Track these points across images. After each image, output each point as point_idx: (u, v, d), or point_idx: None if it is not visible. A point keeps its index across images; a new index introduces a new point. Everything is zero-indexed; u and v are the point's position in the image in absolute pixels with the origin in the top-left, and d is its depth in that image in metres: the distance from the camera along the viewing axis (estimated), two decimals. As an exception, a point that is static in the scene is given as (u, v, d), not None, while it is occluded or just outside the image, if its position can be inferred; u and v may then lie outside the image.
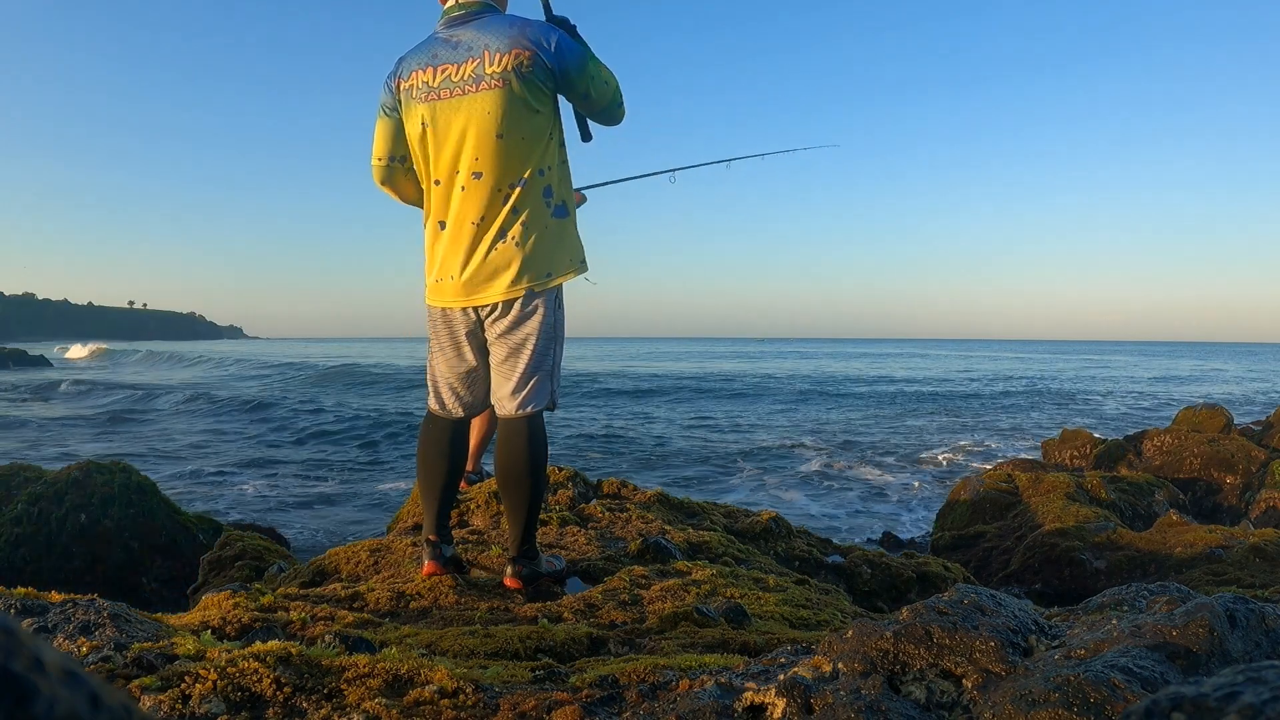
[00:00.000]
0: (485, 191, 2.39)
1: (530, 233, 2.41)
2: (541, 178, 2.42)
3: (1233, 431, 8.38)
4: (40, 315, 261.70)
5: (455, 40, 2.38)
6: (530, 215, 2.41)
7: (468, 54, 2.35)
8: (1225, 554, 3.71)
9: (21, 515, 4.25)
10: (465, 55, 2.35)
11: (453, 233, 2.45)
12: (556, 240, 2.47)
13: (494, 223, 2.40)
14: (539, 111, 2.39)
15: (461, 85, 2.35)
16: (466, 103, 2.35)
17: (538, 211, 2.42)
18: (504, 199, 2.39)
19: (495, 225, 2.40)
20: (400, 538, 3.14)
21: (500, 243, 2.40)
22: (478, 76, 2.33)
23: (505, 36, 2.33)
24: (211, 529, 4.67)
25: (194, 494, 9.22)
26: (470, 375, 2.59)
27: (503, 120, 2.34)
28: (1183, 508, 5.45)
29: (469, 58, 2.35)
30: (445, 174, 2.42)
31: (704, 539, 3.20)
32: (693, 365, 46.84)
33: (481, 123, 2.35)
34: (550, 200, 2.45)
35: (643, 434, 15.29)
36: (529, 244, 2.41)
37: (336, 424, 15.96)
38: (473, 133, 2.36)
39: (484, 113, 2.34)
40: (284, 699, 1.40)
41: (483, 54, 2.33)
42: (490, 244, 2.41)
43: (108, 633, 1.56)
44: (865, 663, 1.25)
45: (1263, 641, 1.25)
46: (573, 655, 1.91)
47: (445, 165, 2.41)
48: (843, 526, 7.92)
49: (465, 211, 2.41)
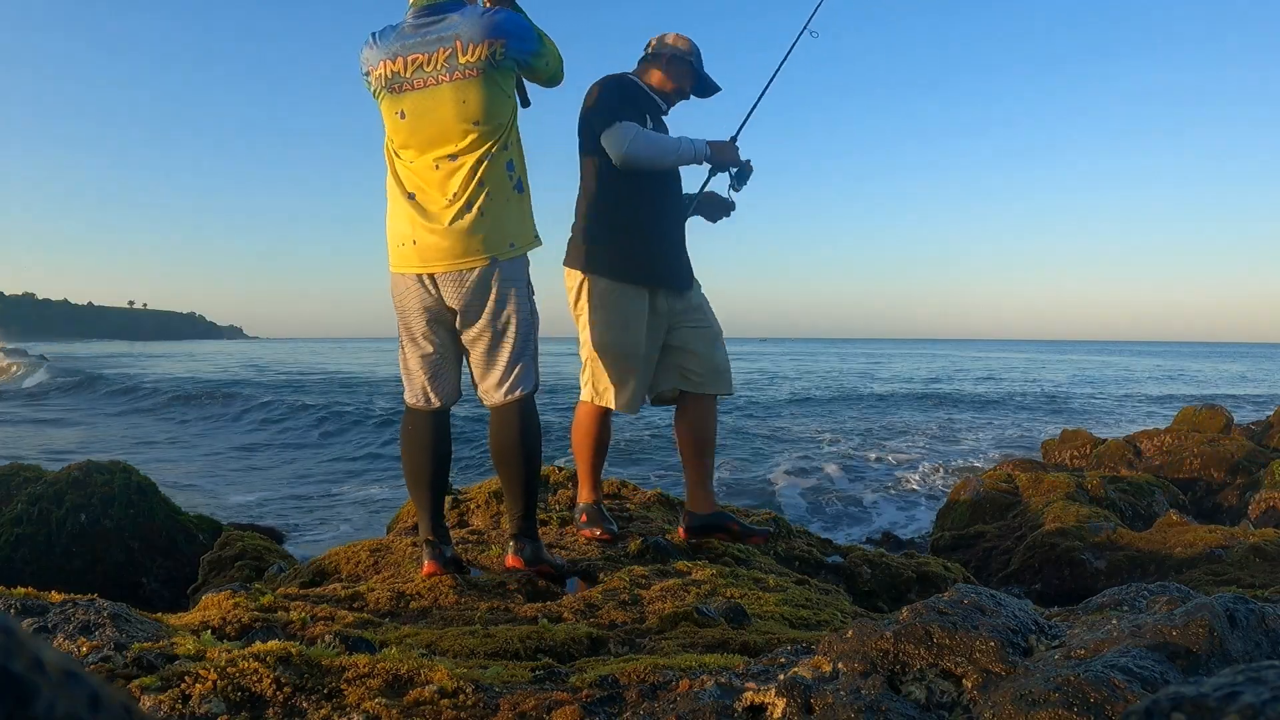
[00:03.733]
0: (457, 170, 2.48)
1: (494, 205, 2.50)
2: (505, 152, 2.53)
3: (1233, 431, 8.38)
4: (40, 315, 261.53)
5: (425, 30, 2.46)
6: (493, 189, 2.51)
7: (438, 44, 2.43)
8: (1225, 554, 3.71)
9: (21, 515, 4.25)
10: (436, 45, 2.44)
11: (421, 204, 2.52)
12: (518, 214, 2.57)
13: (462, 197, 2.48)
14: (509, 96, 2.53)
15: (435, 75, 2.44)
16: (441, 91, 2.44)
17: (500, 186, 2.52)
18: (472, 174, 2.48)
19: (462, 199, 2.48)
20: (400, 538, 3.14)
21: (467, 214, 2.48)
22: (451, 66, 2.43)
23: (477, 27, 2.42)
24: (211, 529, 4.66)
25: (194, 494, 9.22)
26: (440, 360, 2.63)
27: (478, 107, 2.44)
28: (1183, 508, 5.45)
29: (439, 47, 2.43)
30: (417, 154, 2.51)
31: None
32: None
33: (457, 110, 2.44)
34: (512, 175, 2.56)
35: (641, 432, 15.29)
36: (492, 216, 2.50)
37: (337, 424, 15.96)
38: (450, 119, 2.45)
39: (459, 100, 2.44)
40: (284, 699, 1.40)
41: (454, 44, 2.42)
42: (456, 215, 2.48)
43: (108, 633, 1.56)
44: (865, 663, 1.25)
45: (1263, 641, 1.25)
46: (573, 655, 1.91)
47: (419, 147, 2.50)
48: (842, 526, 7.92)
49: (436, 187, 2.50)
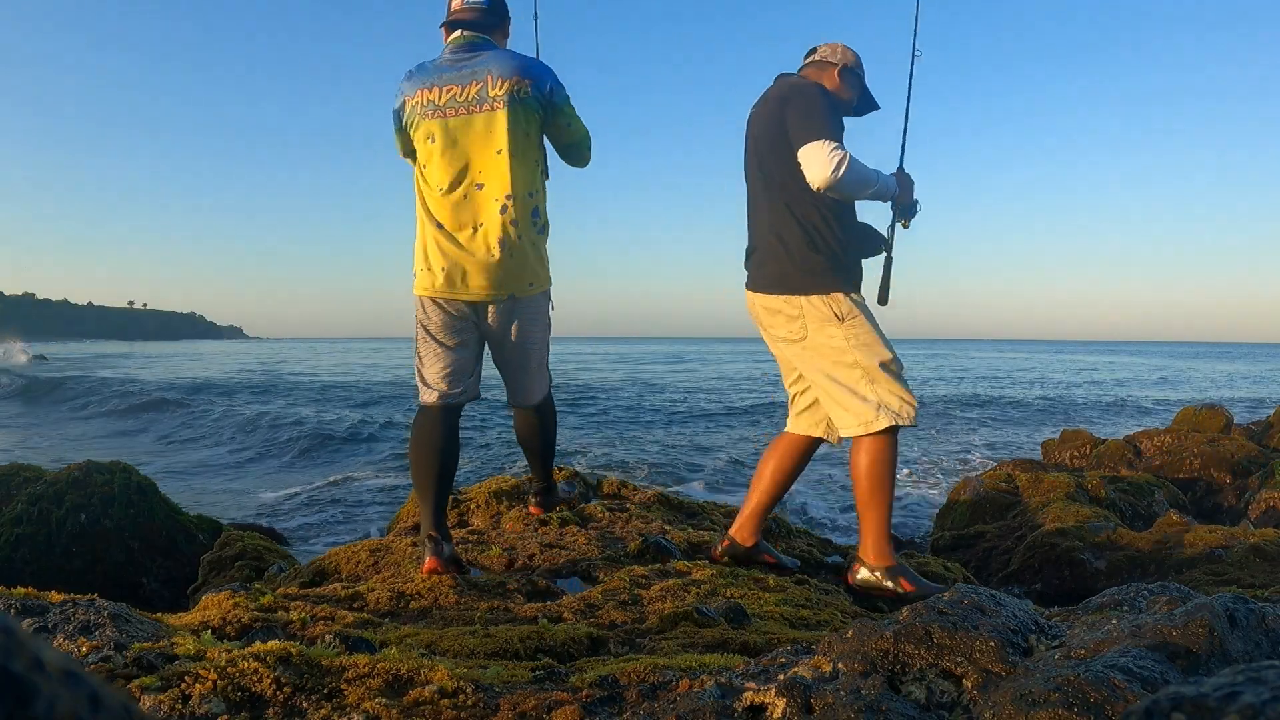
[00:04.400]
0: (485, 200, 2.65)
1: (520, 244, 2.67)
2: (531, 199, 2.70)
3: (1233, 431, 8.38)
4: (40, 315, 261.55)
5: (459, 65, 2.67)
6: (520, 228, 2.67)
7: (471, 78, 2.65)
8: (1225, 554, 3.71)
9: (21, 515, 4.25)
10: (469, 79, 2.65)
11: (450, 234, 2.67)
12: (538, 255, 2.76)
13: (490, 230, 2.65)
14: (529, 135, 2.69)
15: (467, 105, 2.64)
16: (472, 120, 2.64)
17: (526, 226, 2.69)
18: (500, 209, 2.65)
19: (490, 232, 2.64)
20: (400, 538, 3.14)
21: (493, 248, 2.64)
22: (481, 98, 2.63)
23: (508, 66, 2.65)
24: (211, 529, 4.66)
25: (194, 494, 9.22)
26: (457, 364, 2.77)
27: (503, 137, 2.62)
28: (1183, 508, 5.45)
29: (473, 80, 2.64)
30: (449, 183, 2.67)
31: (704, 539, 3.20)
32: (694, 364, 46.82)
33: (485, 139, 2.63)
34: (537, 220, 2.74)
35: (640, 432, 15.31)
36: (517, 254, 2.67)
37: (336, 423, 15.96)
38: (477, 148, 2.64)
39: (487, 130, 2.63)
40: (284, 699, 1.40)
41: (486, 78, 2.63)
42: (484, 248, 2.64)
43: (108, 633, 1.56)
44: (865, 663, 1.25)
45: (1263, 641, 1.25)
46: (573, 655, 1.91)
47: (451, 175, 2.66)
48: (843, 526, 7.92)
49: (465, 217, 2.66)
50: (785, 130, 2.72)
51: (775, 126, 2.76)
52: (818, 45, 3.02)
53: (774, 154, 2.77)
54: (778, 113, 2.76)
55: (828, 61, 2.94)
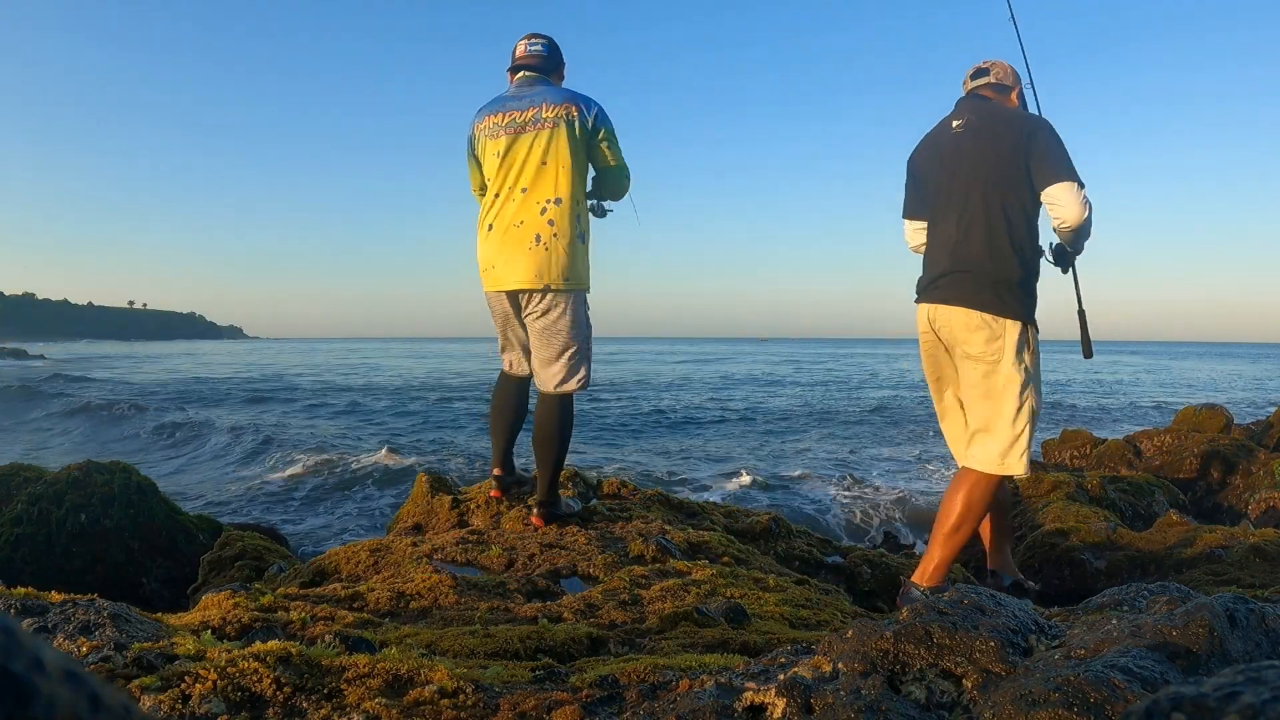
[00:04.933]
0: (527, 203, 3.15)
1: (558, 243, 3.13)
2: (573, 205, 3.16)
3: (1233, 431, 8.37)
4: (40, 315, 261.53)
5: (520, 96, 3.21)
6: (559, 230, 3.13)
7: (529, 104, 3.18)
8: (1225, 554, 3.71)
9: (21, 515, 4.25)
10: (528, 105, 3.18)
11: (498, 233, 3.20)
12: (577, 257, 3.20)
13: (531, 228, 3.13)
14: (574, 152, 3.16)
15: (523, 125, 3.17)
16: (527, 138, 3.15)
17: (565, 230, 3.14)
18: (540, 210, 3.13)
19: (531, 230, 3.13)
20: (400, 538, 3.14)
21: (534, 245, 3.13)
22: (536, 120, 3.15)
23: (561, 96, 3.18)
24: (211, 529, 4.66)
25: (193, 494, 9.22)
26: (521, 347, 3.41)
27: (547, 151, 3.13)
28: (1183, 508, 5.45)
29: (530, 106, 3.17)
30: (502, 189, 3.20)
31: (704, 539, 3.20)
32: (692, 364, 46.80)
33: (534, 152, 3.14)
34: (578, 226, 3.20)
35: (643, 428, 15.29)
36: (556, 252, 3.13)
37: (336, 424, 15.96)
38: (528, 159, 3.15)
39: (537, 146, 3.14)
40: (284, 699, 1.40)
41: (541, 104, 3.16)
42: (525, 244, 3.13)
43: (108, 633, 1.55)
44: (865, 663, 1.25)
45: (1263, 641, 1.25)
46: (573, 655, 1.91)
47: (504, 182, 3.19)
48: (843, 527, 7.92)
49: (510, 216, 3.17)
50: (1022, 159, 2.72)
51: (1009, 152, 2.73)
52: (986, 65, 3.00)
53: (1005, 181, 2.75)
54: (1020, 143, 2.73)
55: (1004, 84, 2.97)
